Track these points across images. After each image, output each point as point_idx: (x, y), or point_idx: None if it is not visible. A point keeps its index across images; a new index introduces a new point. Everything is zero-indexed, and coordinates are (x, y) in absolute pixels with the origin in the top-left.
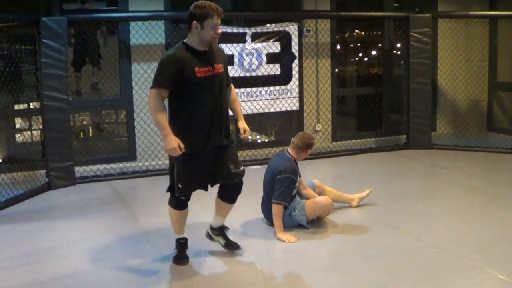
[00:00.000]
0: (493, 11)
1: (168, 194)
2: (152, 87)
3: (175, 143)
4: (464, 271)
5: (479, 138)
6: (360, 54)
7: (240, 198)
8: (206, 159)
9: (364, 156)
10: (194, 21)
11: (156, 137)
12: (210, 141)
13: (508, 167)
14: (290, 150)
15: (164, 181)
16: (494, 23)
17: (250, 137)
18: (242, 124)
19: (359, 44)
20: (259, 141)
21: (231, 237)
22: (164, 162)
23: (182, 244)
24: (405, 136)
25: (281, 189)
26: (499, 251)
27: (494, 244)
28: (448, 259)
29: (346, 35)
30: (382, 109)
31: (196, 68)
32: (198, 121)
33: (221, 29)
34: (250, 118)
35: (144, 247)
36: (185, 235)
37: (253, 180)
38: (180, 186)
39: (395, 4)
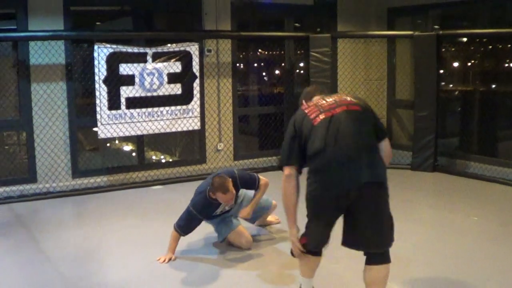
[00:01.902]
0: (390, 31)
1: None
2: None
3: None
4: None
5: None
6: (262, 74)
7: (143, 221)
8: None
9: (266, 174)
10: None
11: (57, 158)
12: None
13: (406, 182)
14: None
15: (65, 203)
16: (392, 43)
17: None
18: None
19: (261, 64)
20: (163, 161)
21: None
22: (65, 184)
23: None
24: None
25: (183, 217)
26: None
27: None
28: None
29: (248, 55)
30: (283, 127)
31: None
32: None
33: (121, 49)
34: (153, 138)
35: (46, 271)
36: None
37: (156, 201)
38: None
39: (296, 24)
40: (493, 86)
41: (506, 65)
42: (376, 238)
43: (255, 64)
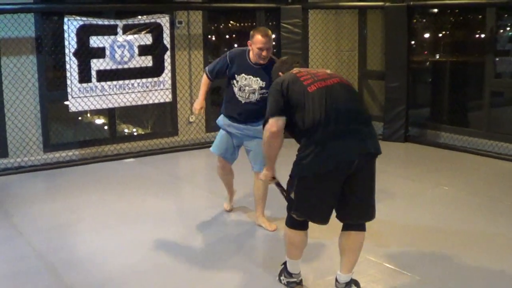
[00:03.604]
0: (361, 2)
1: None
2: None
3: None
4: None
5: None
6: (234, 45)
7: (115, 194)
8: None
9: None
10: None
11: (28, 132)
12: None
13: None
14: None
15: (37, 177)
16: (363, 14)
17: (127, 130)
18: None
19: (233, 35)
20: (135, 133)
21: None
22: (36, 158)
23: None
24: None
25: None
26: None
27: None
28: None
29: (220, 27)
30: None
31: None
32: None
33: (91, 21)
34: (125, 111)
35: (18, 246)
36: None
37: (128, 174)
38: None
39: None
40: (464, 56)
41: (477, 35)
42: (368, 209)
43: (227, 36)
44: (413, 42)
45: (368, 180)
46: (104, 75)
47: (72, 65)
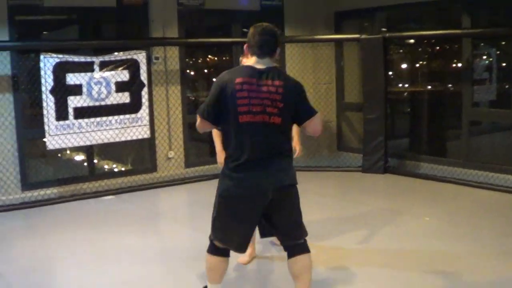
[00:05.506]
0: (338, 34)
1: None
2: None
3: None
4: None
5: (330, 158)
6: (212, 80)
7: (94, 232)
8: None
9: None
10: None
11: (5, 171)
12: None
13: (357, 184)
14: None
15: (15, 216)
16: (339, 46)
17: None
18: None
19: (210, 70)
20: (115, 170)
21: None
22: (14, 197)
23: None
24: None
25: None
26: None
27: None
28: None
29: (197, 61)
30: None
31: None
32: None
33: (67, 58)
34: (104, 148)
35: None
36: None
37: (108, 211)
38: None
39: (244, 30)
40: (441, 86)
41: (454, 65)
42: (296, 230)
43: (205, 70)
44: (390, 73)
45: (290, 210)
46: (81, 112)
47: (48, 103)
